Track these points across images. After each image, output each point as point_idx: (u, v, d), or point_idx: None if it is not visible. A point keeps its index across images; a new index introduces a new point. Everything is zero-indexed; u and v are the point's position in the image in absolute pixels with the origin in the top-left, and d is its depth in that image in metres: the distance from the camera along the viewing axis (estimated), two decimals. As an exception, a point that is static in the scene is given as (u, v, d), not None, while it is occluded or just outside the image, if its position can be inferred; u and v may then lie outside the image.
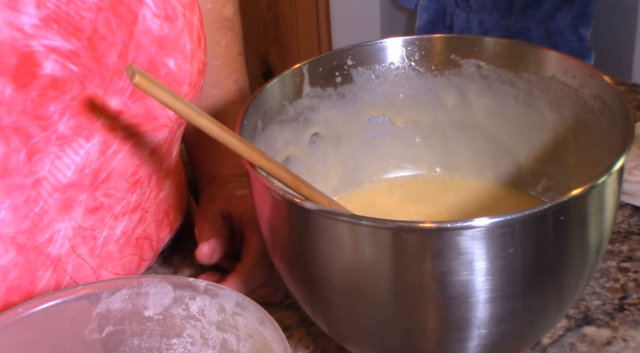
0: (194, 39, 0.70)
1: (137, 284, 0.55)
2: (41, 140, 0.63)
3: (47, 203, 0.65)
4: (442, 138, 0.74)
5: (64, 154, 0.64)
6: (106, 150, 0.67)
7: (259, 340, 0.51)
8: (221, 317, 0.53)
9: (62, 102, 0.63)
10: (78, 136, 0.65)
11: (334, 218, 0.54)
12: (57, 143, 0.64)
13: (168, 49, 0.68)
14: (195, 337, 0.55)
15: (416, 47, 0.70)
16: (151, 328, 0.56)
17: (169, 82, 0.69)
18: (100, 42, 0.64)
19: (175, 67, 0.69)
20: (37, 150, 0.63)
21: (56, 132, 0.63)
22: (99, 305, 0.55)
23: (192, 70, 0.70)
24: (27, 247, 0.64)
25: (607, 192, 0.56)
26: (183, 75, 0.69)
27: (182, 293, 0.54)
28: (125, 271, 0.74)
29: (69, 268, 0.68)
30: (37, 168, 0.63)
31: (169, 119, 0.70)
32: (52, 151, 0.64)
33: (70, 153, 0.65)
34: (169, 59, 0.68)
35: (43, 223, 0.65)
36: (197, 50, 0.70)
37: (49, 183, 0.64)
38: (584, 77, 0.64)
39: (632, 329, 0.68)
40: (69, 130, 0.64)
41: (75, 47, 0.63)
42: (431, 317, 0.57)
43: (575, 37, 1.69)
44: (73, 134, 0.64)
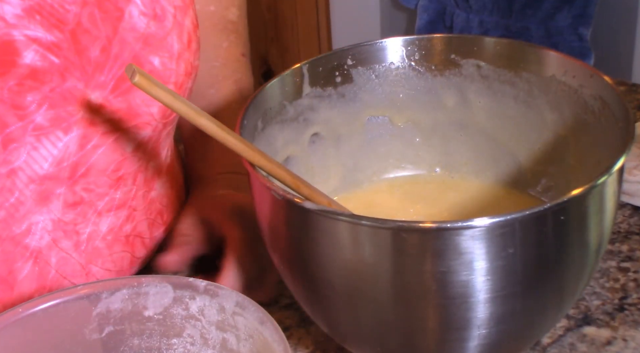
0: (182, 40, 0.70)
1: (137, 284, 0.55)
2: (17, 129, 0.62)
3: (23, 194, 0.64)
4: (442, 138, 0.74)
5: (40, 145, 0.64)
6: (86, 144, 0.66)
7: (259, 340, 0.51)
8: (221, 317, 0.53)
9: (41, 92, 0.63)
10: (56, 128, 0.64)
11: (334, 218, 0.54)
12: (34, 134, 0.63)
13: (154, 46, 0.68)
14: (195, 337, 0.55)
15: (416, 47, 0.70)
16: (151, 328, 0.56)
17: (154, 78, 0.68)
18: (84, 35, 0.64)
19: (160, 65, 0.68)
20: (13, 139, 0.62)
21: (33, 122, 0.63)
22: (99, 305, 0.55)
23: (179, 70, 0.70)
24: (2, 236, 0.64)
25: (607, 192, 0.56)
26: (168, 73, 0.69)
27: (182, 293, 0.54)
28: (117, 268, 0.73)
29: (53, 262, 0.68)
30: (13, 157, 0.63)
31: (152, 116, 0.69)
32: (28, 141, 0.63)
33: (48, 145, 0.64)
34: (153, 56, 0.68)
35: (19, 214, 0.65)
36: (186, 51, 0.70)
37: (25, 174, 0.64)
38: (584, 77, 0.64)
39: (632, 329, 0.68)
40: (46, 122, 0.64)
41: (57, 39, 0.63)
42: (431, 317, 0.57)
43: (575, 37, 1.69)
44: (51, 125, 0.64)
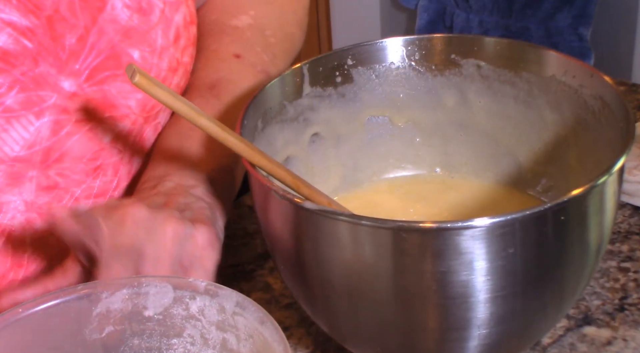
0: (168, 36, 0.69)
1: (137, 284, 0.55)
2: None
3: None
4: (442, 138, 0.74)
5: (10, 127, 0.64)
6: (59, 130, 0.66)
7: (259, 340, 0.51)
8: (221, 317, 0.53)
9: (12, 75, 0.62)
10: (27, 112, 0.64)
11: (334, 218, 0.54)
12: (4, 115, 0.63)
13: (134, 39, 0.67)
14: (195, 337, 0.55)
15: (416, 47, 0.70)
16: (151, 328, 0.56)
17: None
18: (60, 22, 0.64)
19: (140, 58, 0.68)
20: None
21: (3, 104, 0.63)
22: (99, 305, 0.55)
23: (161, 64, 0.69)
24: None
25: (607, 192, 0.56)
26: (149, 67, 0.68)
27: (182, 293, 0.54)
28: None
29: (28, 241, 0.68)
30: None
31: (130, 109, 0.69)
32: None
33: (19, 128, 0.64)
34: (133, 49, 0.67)
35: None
36: (171, 46, 0.69)
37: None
38: (584, 77, 0.64)
39: (632, 329, 0.68)
40: (17, 105, 0.63)
41: (32, 24, 0.62)
42: (431, 317, 0.57)
43: (575, 37, 1.69)
44: (22, 108, 0.64)
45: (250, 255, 0.79)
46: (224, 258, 0.79)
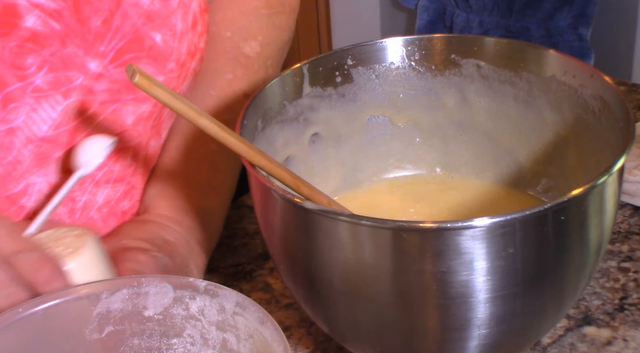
0: (187, 21, 0.71)
1: (137, 284, 0.55)
2: (17, 90, 0.64)
3: (21, 154, 0.66)
4: (442, 138, 0.74)
5: (40, 108, 0.65)
6: (85, 111, 0.68)
7: (259, 340, 0.51)
8: (221, 317, 0.53)
9: (41, 56, 0.64)
10: (55, 92, 0.66)
11: (334, 218, 0.54)
12: (33, 95, 0.65)
13: (156, 23, 0.69)
14: (195, 337, 0.55)
15: (416, 47, 0.70)
16: (151, 328, 0.56)
17: (154, 54, 0.70)
18: (86, 5, 0.66)
19: (162, 41, 0.69)
20: (13, 99, 0.64)
21: (32, 84, 0.65)
22: (99, 305, 0.55)
23: (181, 48, 0.71)
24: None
25: (607, 192, 0.56)
26: (170, 50, 0.70)
27: (182, 293, 0.54)
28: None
29: (48, 226, 0.68)
30: (12, 116, 0.64)
31: None
32: (27, 102, 0.65)
33: (47, 107, 0.66)
34: (155, 33, 0.69)
35: (16, 173, 0.66)
36: (190, 31, 0.71)
37: (24, 134, 0.65)
38: (584, 77, 0.64)
39: (632, 329, 0.68)
40: (46, 85, 0.65)
41: (59, 6, 0.64)
42: (431, 317, 0.57)
43: (575, 37, 1.69)
44: (50, 88, 0.65)
45: (250, 255, 0.79)
46: (224, 258, 0.79)
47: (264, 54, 0.84)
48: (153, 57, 0.70)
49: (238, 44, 0.83)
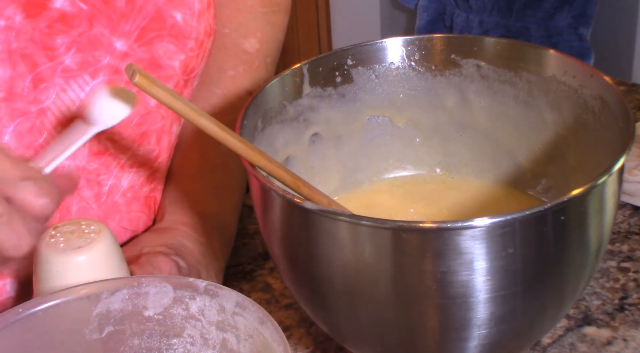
0: (203, 1, 0.73)
1: (137, 284, 0.55)
2: (47, 69, 0.66)
3: (51, 136, 0.67)
4: (442, 138, 0.74)
5: (69, 88, 0.67)
6: None
7: (259, 340, 0.51)
8: (221, 317, 0.53)
9: (70, 36, 0.66)
10: (83, 72, 0.67)
11: (334, 218, 0.54)
12: (63, 75, 0.66)
13: (176, 2, 0.71)
14: (195, 337, 0.55)
15: (416, 47, 0.70)
16: (151, 328, 0.56)
17: (176, 33, 0.71)
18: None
19: (182, 20, 0.71)
20: (43, 79, 0.66)
21: (62, 64, 0.66)
22: (99, 305, 0.55)
23: (199, 28, 0.73)
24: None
25: (607, 192, 0.56)
26: (190, 29, 0.72)
27: (182, 293, 0.54)
28: (132, 227, 0.75)
29: (73, 210, 0.70)
30: (42, 97, 0.66)
31: (174, 70, 0.72)
32: (57, 82, 0.66)
33: (76, 88, 0.67)
34: (176, 12, 0.71)
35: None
36: (206, 12, 0.73)
37: (54, 115, 0.67)
38: (584, 77, 0.64)
39: (632, 329, 0.68)
40: (74, 65, 0.67)
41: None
42: (431, 317, 0.57)
43: (575, 37, 1.69)
44: (78, 68, 0.67)
45: (250, 255, 0.79)
46: (224, 258, 0.79)
47: (263, 51, 0.84)
48: (174, 35, 0.71)
49: (237, 41, 0.84)
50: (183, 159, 0.79)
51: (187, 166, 0.78)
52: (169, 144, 0.76)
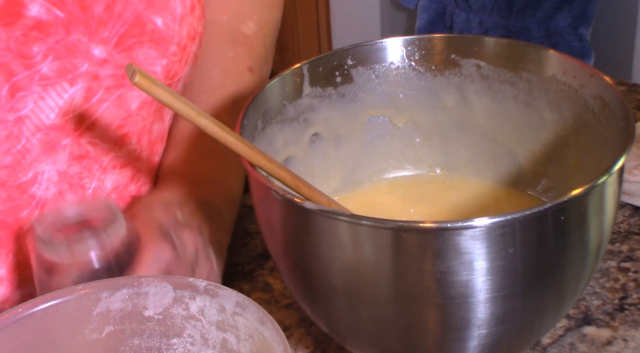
0: (186, 4, 0.72)
1: (137, 284, 0.55)
2: (24, 78, 0.65)
3: (30, 142, 0.67)
4: (442, 138, 0.74)
5: (47, 95, 0.66)
6: (91, 97, 0.68)
7: (259, 340, 0.51)
8: (221, 317, 0.53)
9: (46, 43, 0.65)
10: (62, 79, 0.66)
11: (334, 218, 0.54)
12: (41, 83, 0.66)
13: (157, 7, 0.70)
14: (195, 337, 0.55)
15: (416, 47, 0.70)
16: (151, 328, 0.56)
17: (156, 38, 0.70)
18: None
19: (163, 25, 0.70)
20: (20, 88, 0.65)
21: (39, 72, 0.65)
22: (99, 305, 0.55)
23: (182, 32, 0.72)
24: (8, 183, 0.67)
25: (607, 192, 0.56)
26: (171, 34, 0.71)
27: (182, 293, 0.54)
28: None
29: None
30: (20, 105, 0.65)
31: (156, 75, 0.71)
32: (35, 91, 0.66)
33: (54, 95, 0.66)
34: (156, 17, 0.70)
35: (26, 162, 0.67)
36: (189, 15, 0.72)
37: (32, 123, 0.66)
38: (584, 77, 0.64)
39: (632, 329, 0.68)
40: (52, 72, 0.66)
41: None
42: (431, 317, 0.57)
43: (575, 37, 1.69)
44: (56, 76, 0.66)
45: (250, 255, 0.79)
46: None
47: (262, 33, 0.86)
48: (155, 41, 0.71)
49: (235, 26, 0.85)
50: (173, 155, 0.78)
51: (179, 161, 0.78)
52: (149, 142, 0.75)
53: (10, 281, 0.69)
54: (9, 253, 0.68)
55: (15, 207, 0.67)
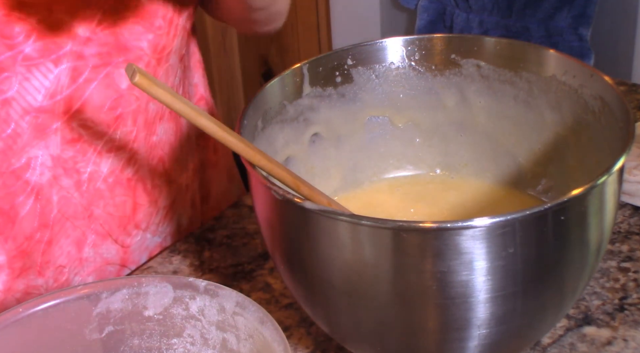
0: None
1: (137, 284, 0.55)
2: (7, 59, 0.65)
3: (20, 126, 0.67)
4: (442, 138, 0.74)
5: (32, 76, 0.66)
6: (77, 77, 0.68)
7: (259, 340, 0.51)
8: (221, 317, 0.53)
9: (29, 23, 0.65)
10: (45, 59, 0.66)
11: (334, 218, 0.54)
12: (24, 64, 0.65)
13: None
14: (195, 337, 0.55)
15: (416, 47, 0.70)
16: (151, 328, 0.56)
17: (141, 13, 0.70)
18: None
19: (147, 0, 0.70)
20: (3, 68, 0.65)
21: (22, 53, 0.65)
22: (99, 305, 0.55)
23: (167, 5, 0.71)
24: (2, 169, 0.67)
25: (607, 192, 0.56)
26: (155, 8, 0.71)
27: (182, 293, 0.54)
28: (119, 213, 0.75)
29: (55, 200, 0.70)
30: (5, 87, 0.65)
31: (142, 51, 0.71)
32: (19, 71, 0.65)
33: (39, 76, 0.66)
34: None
35: (17, 147, 0.67)
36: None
37: (19, 105, 0.66)
38: (584, 77, 0.64)
39: (632, 329, 0.68)
40: (35, 53, 0.66)
41: None
42: (431, 317, 0.57)
43: (575, 37, 1.69)
44: (40, 56, 0.66)
45: (250, 255, 0.79)
46: (224, 258, 0.79)
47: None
48: (140, 15, 0.70)
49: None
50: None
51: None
52: (145, 122, 0.75)
53: (11, 268, 0.69)
54: (7, 239, 0.68)
55: (11, 193, 0.67)
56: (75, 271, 0.74)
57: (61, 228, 0.72)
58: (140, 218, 0.78)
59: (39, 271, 0.72)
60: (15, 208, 0.68)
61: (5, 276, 0.70)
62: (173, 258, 0.80)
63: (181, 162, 0.81)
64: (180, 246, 0.81)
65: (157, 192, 0.78)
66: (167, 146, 0.78)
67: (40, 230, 0.70)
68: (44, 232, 0.70)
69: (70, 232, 0.73)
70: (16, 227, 0.68)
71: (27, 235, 0.69)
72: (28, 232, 0.69)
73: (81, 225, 0.73)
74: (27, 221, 0.69)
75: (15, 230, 0.68)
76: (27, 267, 0.70)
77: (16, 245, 0.69)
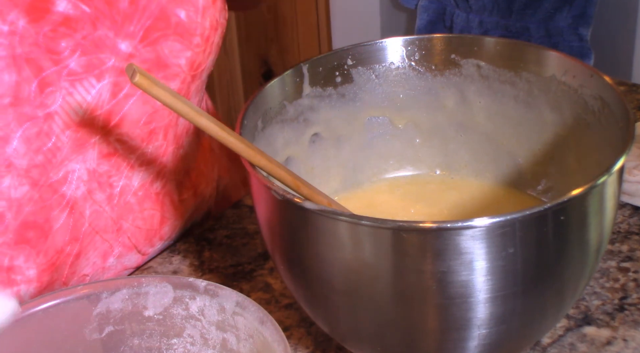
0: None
1: (137, 284, 0.55)
2: (52, 73, 0.66)
3: (60, 140, 0.67)
4: (442, 138, 0.74)
5: (75, 91, 0.67)
6: (117, 92, 0.69)
7: (259, 340, 0.51)
8: (221, 317, 0.53)
9: (74, 39, 0.66)
10: (89, 74, 0.67)
11: (334, 218, 0.54)
12: (68, 79, 0.66)
13: (180, 0, 0.71)
14: (195, 337, 0.55)
15: (416, 47, 0.70)
16: (151, 328, 0.56)
17: (181, 31, 0.71)
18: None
19: (187, 18, 0.71)
20: (49, 83, 0.66)
21: (67, 67, 0.66)
22: (99, 305, 0.55)
23: (204, 23, 0.73)
24: (40, 182, 0.67)
25: (607, 192, 0.56)
26: (194, 26, 0.72)
27: (182, 293, 0.54)
28: (147, 226, 0.75)
29: (87, 214, 0.71)
30: (49, 101, 0.66)
31: (180, 68, 0.72)
32: (63, 86, 0.66)
33: (82, 91, 0.67)
34: (180, 9, 0.71)
35: (56, 160, 0.67)
36: (211, 7, 0.73)
37: (61, 119, 0.67)
38: (584, 77, 0.64)
39: (632, 329, 0.68)
40: (79, 68, 0.67)
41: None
42: (431, 317, 0.57)
43: (575, 37, 1.69)
44: (84, 71, 0.67)
45: (250, 255, 0.79)
46: (224, 258, 0.79)
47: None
48: (179, 33, 0.71)
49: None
50: None
51: None
52: (175, 136, 0.76)
53: (40, 282, 0.69)
54: (39, 253, 0.68)
55: (47, 207, 0.68)
56: (96, 277, 0.75)
57: (90, 241, 0.72)
58: (166, 231, 0.79)
59: (64, 282, 0.72)
60: (49, 221, 0.68)
61: (33, 289, 0.70)
62: (173, 258, 0.80)
63: (205, 174, 0.82)
64: (180, 246, 0.81)
65: (183, 206, 0.79)
66: (193, 160, 0.79)
67: (71, 243, 0.71)
68: (74, 246, 0.71)
69: (99, 245, 0.73)
70: (49, 240, 0.69)
71: (58, 249, 0.69)
72: (59, 246, 0.69)
73: (109, 238, 0.74)
74: (59, 235, 0.69)
75: (47, 244, 0.69)
76: (54, 279, 0.70)
77: (47, 259, 0.69)
